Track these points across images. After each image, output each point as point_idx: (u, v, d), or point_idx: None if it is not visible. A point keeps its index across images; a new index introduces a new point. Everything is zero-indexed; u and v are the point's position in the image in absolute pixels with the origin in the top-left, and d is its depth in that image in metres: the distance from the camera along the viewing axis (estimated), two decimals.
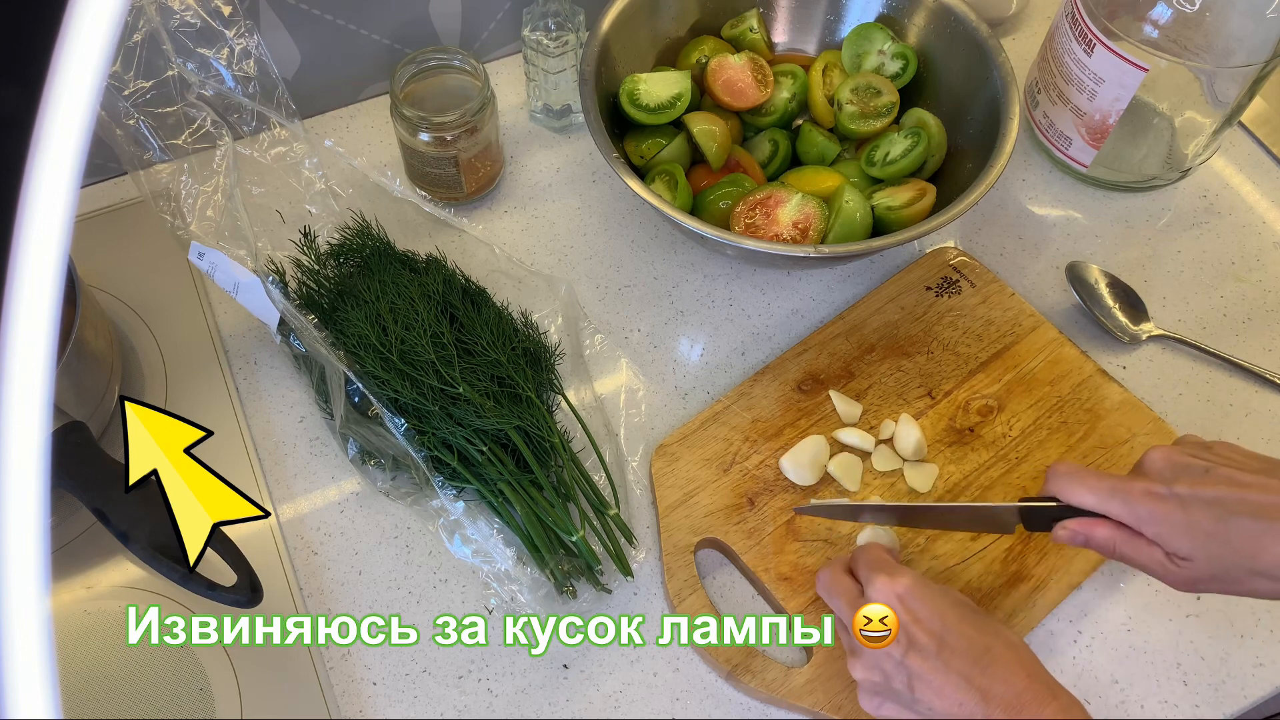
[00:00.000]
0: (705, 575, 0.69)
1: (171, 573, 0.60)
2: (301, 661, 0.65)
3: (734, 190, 0.79)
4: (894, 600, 0.56)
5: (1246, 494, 0.54)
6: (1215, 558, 0.54)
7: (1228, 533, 0.53)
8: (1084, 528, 0.58)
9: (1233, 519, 0.53)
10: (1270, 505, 0.53)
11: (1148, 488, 0.56)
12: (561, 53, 0.83)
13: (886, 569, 0.58)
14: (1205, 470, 0.55)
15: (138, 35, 0.69)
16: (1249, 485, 0.54)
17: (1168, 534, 0.55)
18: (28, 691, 0.25)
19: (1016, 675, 0.53)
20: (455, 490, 0.67)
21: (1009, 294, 0.81)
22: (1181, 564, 0.55)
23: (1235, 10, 0.74)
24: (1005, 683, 0.53)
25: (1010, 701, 0.52)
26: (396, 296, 0.71)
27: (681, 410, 0.76)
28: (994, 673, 0.53)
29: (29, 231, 0.25)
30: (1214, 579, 0.55)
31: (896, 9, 0.85)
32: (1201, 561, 0.54)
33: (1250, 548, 0.53)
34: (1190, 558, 0.54)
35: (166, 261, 0.80)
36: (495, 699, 0.65)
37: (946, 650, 0.54)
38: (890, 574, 0.57)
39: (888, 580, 0.57)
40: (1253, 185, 0.90)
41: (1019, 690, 0.53)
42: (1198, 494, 0.54)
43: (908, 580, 0.57)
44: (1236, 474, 0.55)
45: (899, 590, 0.56)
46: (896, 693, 0.56)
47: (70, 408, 0.66)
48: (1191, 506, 0.54)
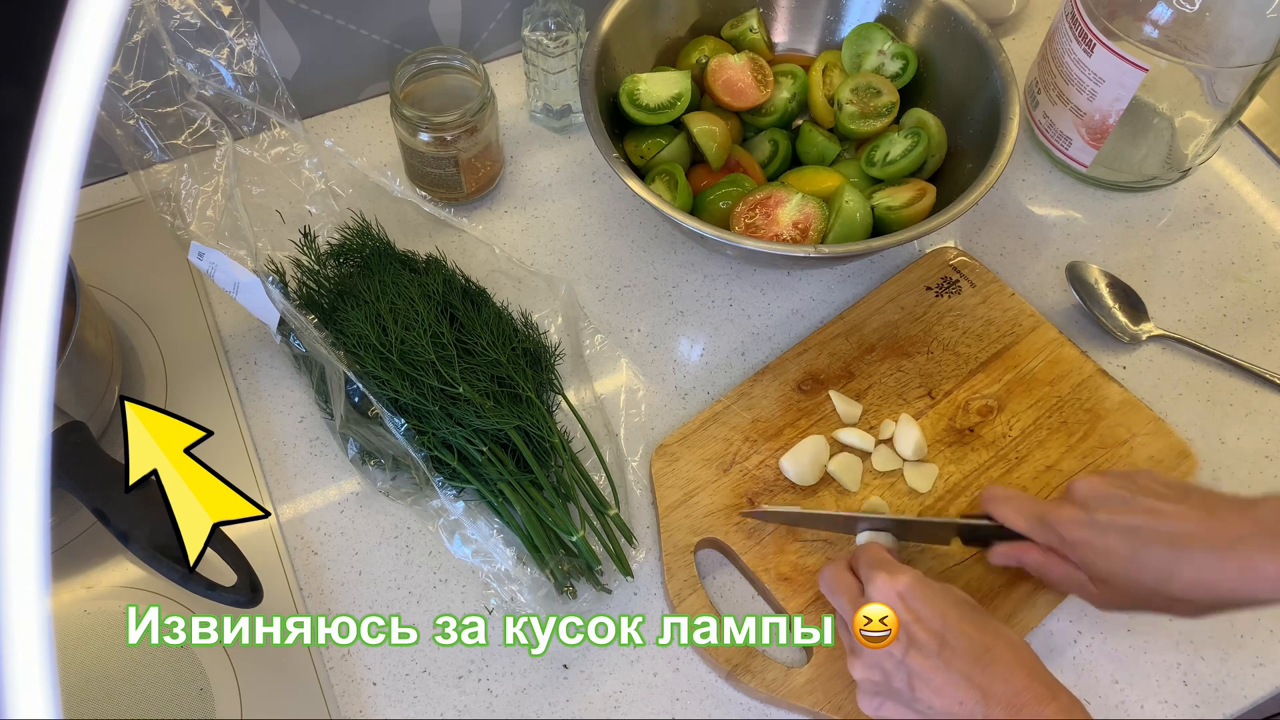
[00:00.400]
0: (705, 575, 0.69)
1: (171, 573, 0.60)
2: (301, 661, 0.65)
3: (734, 190, 0.79)
4: (894, 599, 0.56)
5: (1160, 523, 0.57)
6: (1133, 582, 0.57)
7: (1142, 559, 0.57)
8: (1016, 551, 0.62)
9: (1146, 546, 0.57)
10: (1181, 533, 0.56)
11: (1072, 515, 0.59)
12: (561, 53, 0.83)
13: (887, 567, 0.58)
14: (1125, 500, 0.59)
15: (138, 35, 0.69)
16: (1163, 514, 0.57)
17: (1089, 559, 0.58)
18: (28, 691, 0.25)
19: (1017, 674, 0.54)
20: (455, 490, 0.67)
21: (1009, 294, 0.81)
22: (1101, 587, 0.59)
23: (1235, 10, 0.74)
24: (1005, 681, 0.53)
25: (1010, 700, 0.53)
26: (396, 296, 0.71)
27: (681, 410, 0.76)
28: (994, 671, 0.53)
29: (29, 231, 0.25)
30: (1134, 602, 0.59)
31: (896, 9, 0.85)
32: (1120, 585, 0.58)
33: (1162, 573, 0.56)
34: (1108, 581, 0.58)
35: (166, 261, 0.80)
36: (495, 699, 0.65)
37: (947, 649, 0.54)
38: (890, 572, 0.57)
39: (888, 578, 0.57)
40: (1253, 185, 0.90)
41: (1019, 689, 0.53)
42: (1116, 522, 0.58)
43: (908, 579, 0.57)
44: (1155, 503, 0.58)
45: (899, 588, 0.56)
46: (897, 692, 0.56)
47: (70, 408, 0.66)
48: (1110, 534, 0.58)
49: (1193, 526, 0.56)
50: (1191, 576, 0.55)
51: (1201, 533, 0.56)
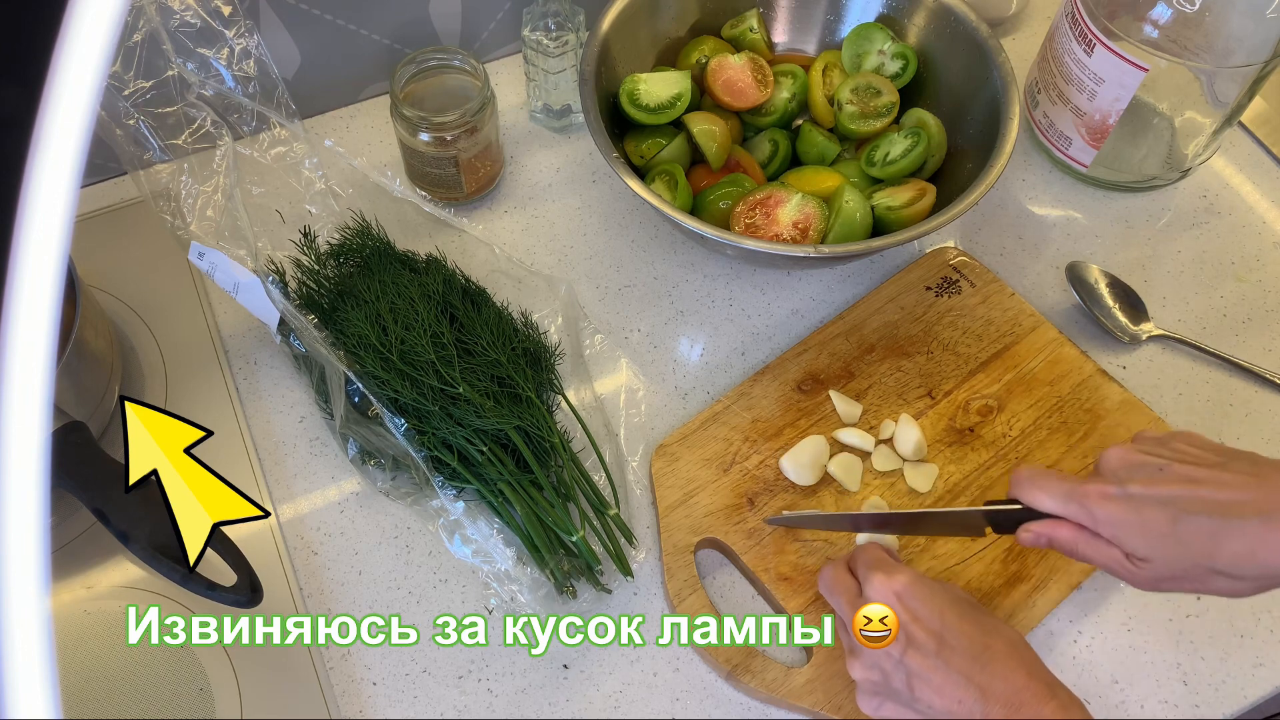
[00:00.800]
0: (705, 575, 0.69)
1: (171, 573, 0.60)
2: (301, 661, 0.65)
3: (734, 190, 0.79)
4: (892, 598, 0.56)
5: (1200, 491, 0.53)
6: (1173, 557, 0.53)
7: (1182, 532, 0.52)
8: (1046, 529, 0.57)
9: (1187, 518, 0.52)
10: (1225, 502, 0.52)
11: (1102, 489, 0.55)
12: (561, 53, 0.83)
13: (884, 567, 0.58)
14: (1159, 468, 0.55)
15: (138, 35, 0.69)
16: (1203, 481, 0.53)
17: (1124, 535, 0.54)
18: (28, 691, 0.25)
19: (1016, 673, 0.53)
20: (455, 490, 0.67)
21: (1009, 294, 0.81)
22: (1140, 564, 0.54)
23: (1235, 10, 0.74)
24: (1005, 680, 0.53)
25: (1009, 699, 0.52)
26: (396, 296, 0.71)
27: (681, 410, 0.76)
28: (993, 670, 0.53)
29: (29, 231, 0.25)
30: (1174, 578, 0.54)
31: (896, 9, 0.85)
32: (1160, 561, 0.54)
33: (1206, 546, 0.52)
34: (1148, 558, 0.54)
35: (166, 261, 0.80)
36: (495, 699, 0.65)
37: (946, 648, 0.54)
38: (888, 572, 0.57)
39: (885, 578, 0.57)
40: (1253, 185, 0.90)
41: (1018, 688, 0.53)
42: (1151, 493, 0.54)
43: (905, 578, 0.57)
44: (1192, 470, 0.54)
45: (897, 588, 0.56)
46: (896, 691, 0.56)
47: (70, 408, 0.66)
48: (1145, 507, 0.54)
49: (1239, 493, 0.52)
50: (1241, 548, 0.51)
51: (1249, 500, 0.52)
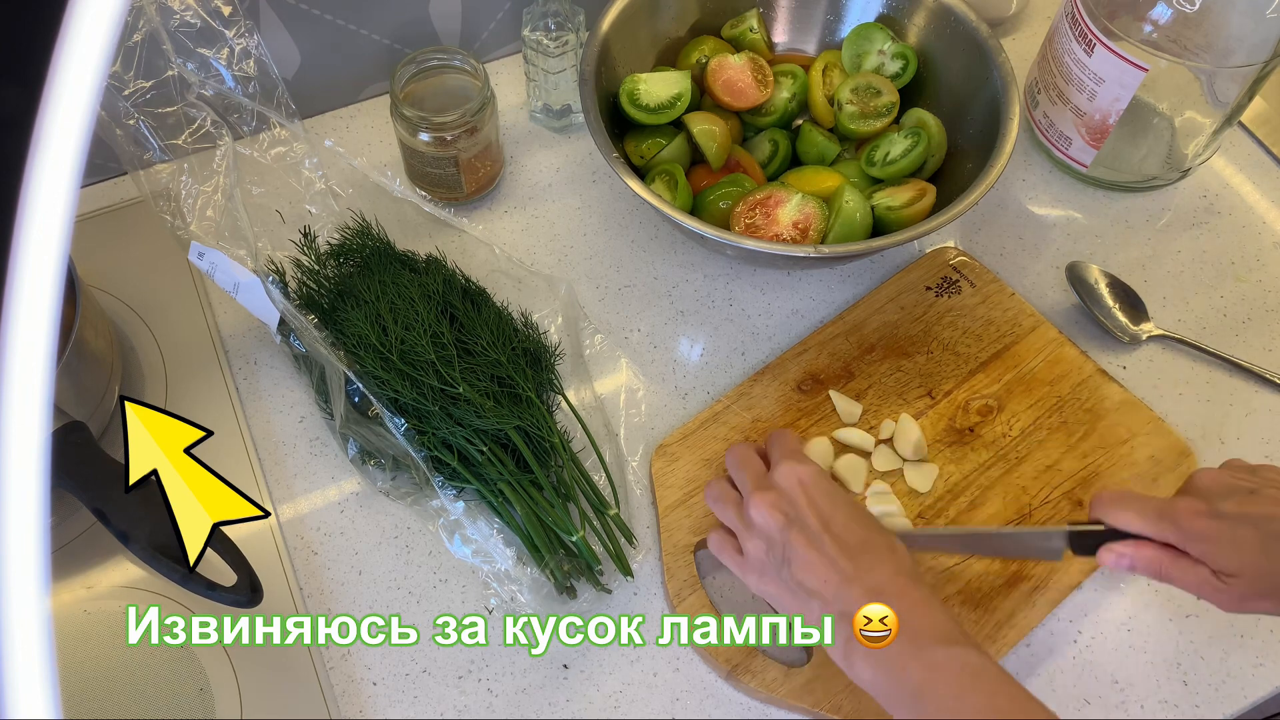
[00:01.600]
0: (705, 575, 0.69)
1: (171, 573, 0.60)
2: (301, 661, 0.65)
3: (734, 190, 0.79)
4: (795, 483, 0.60)
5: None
6: (1263, 575, 0.54)
7: (1274, 550, 0.54)
8: (1131, 549, 0.57)
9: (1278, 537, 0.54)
10: None
11: (1194, 507, 0.56)
12: (561, 53, 0.83)
13: (798, 456, 0.62)
14: (1251, 491, 0.56)
15: (138, 35, 0.69)
16: None
17: (1214, 552, 0.55)
18: (28, 691, 0.25)
19: (885, 567, 0.57)
20: (455, 490, 0.67)
21: (1009, 294, 0.81)
22: (1229, 581, 0.55)
23: (1235, 10, 0.74)
24: (871, 571, 0.56)
25: (873, 588, 0.55)
26: (396, 296, 0.71)
27: (681, 410, 0.76)
28: (863, 562, 0.57)
29: (29, 231, 0.25)
30: (1262, 596, 0.55)
31: (896, 9, 0.85)
32: (1249, 579, 0.55)
33: None
34: (1238, 575, 0.55)
35: (166, 261, 0.80)
36: (495, 699, 0.65)
37: (828, 533, 0.58)
38: (800, 460, 0.61)
39: (795, 465, 0.61)
40: (1253, 185, 0.90)
41: (883, 580, 0.56)
42: (1245, 513, 0.55)
43: (813, 469, 0.61)
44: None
45: (802, 475, 0.60)
46: (776, 564, 0.59)
47: (70, 408, 0.66)
48: (1238, 525, 0.55)
49: None
50: None
51: None
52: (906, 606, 0.54)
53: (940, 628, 0.54)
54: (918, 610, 0.54)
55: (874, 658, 0.54)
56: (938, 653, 0.53)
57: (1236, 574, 0.55)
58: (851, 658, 0.55)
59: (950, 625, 0.54)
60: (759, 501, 0.60)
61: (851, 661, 0.55)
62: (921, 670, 0.52)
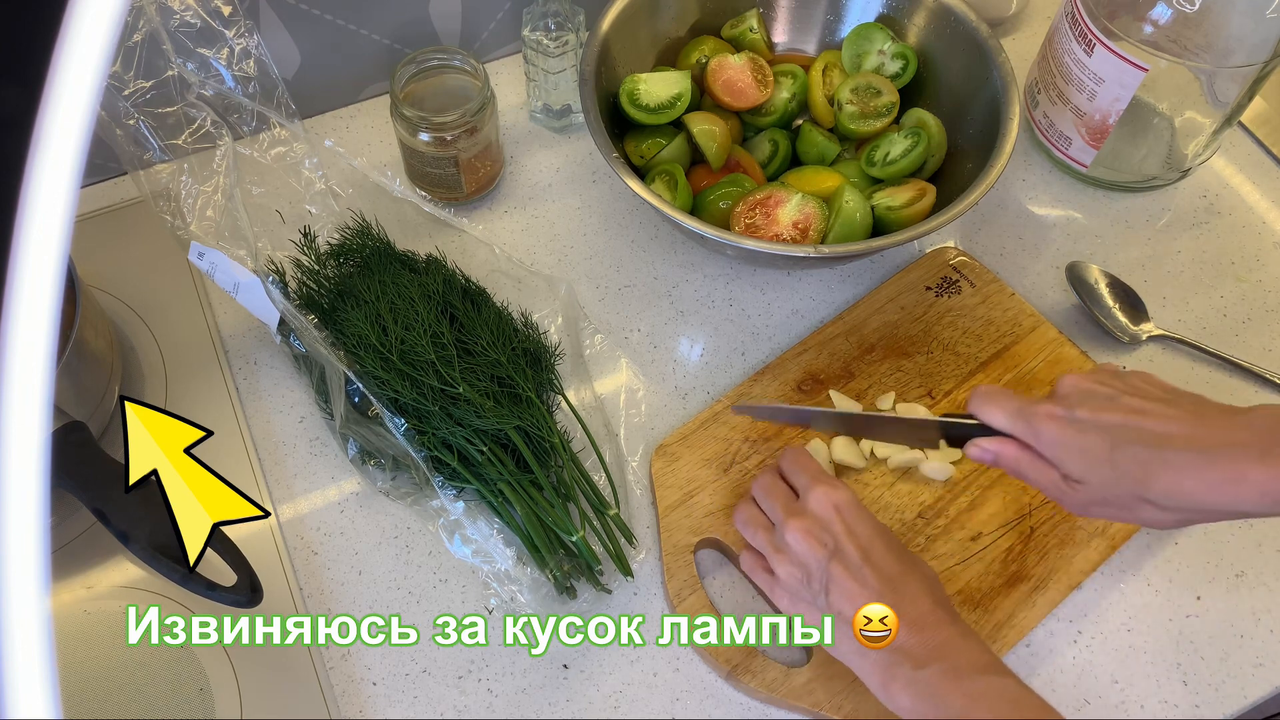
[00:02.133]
0: (705, 575, 0.69)
1: (171, 573, 0.60)
2: (301, 661, 0.65)
3: (734, 190, 0.79)
4: (830, 510, 0.60)
5: (1144, 421, 0.54)
6: (1106, 482, 0.54)
7: (1119, 459, 0.54)
8: (993, 445, 0.59)
9: (1126, 445, 0.54)
10: (1164, 434, 0.53)
11: (1051, 410, 0.56)
12: (561, 53, 0.83)
13: (827, 480, 0.62)
14: (1109, 397, 0.56)
15: (138, 35, 0.69)
16: (1148, 414, 0.54)
17: (1064, 456, 0.56)
18: (28, 691, 0.25)
19: (924, 599, 0.57)
20: (455, 490, 0.67)
21: (1009, 294, 0.81)
22: (1075, 486, 0.56)
23: (1235, 10, 0.74)
24: (913, 603, 0.57)
25: (914, 620, 0.56)
26: (396, 296, 0.71)
27: (681, 410, 0.76)
28: (905, 593, 0.57)
29: (29, 231, 0.25)
30: (1104, 503, 0.55)
31: (896, 9, 0.85)
32: (1094, 485, 0.55)
33: (1139, 474, 0.53)
34: (1082, 480, 0.55)
35: (166, 261, 0.80)
36: (495, 699, 0.65)
37: (869, 564, 0.58)
38: (831, 485, 0.61)
39: (829, 490, 0.61)
40: (1253, 185, 0.90)
41: (924, 612, 0.57)
42: (1097, 419, 0.55)
43: (847, 494, 0.61)
44: (1140, 403, 0.55)
45: (837, 500, 0.60)
46: (813, 592, 0.59)
47: (70, 408, 0.66)
48: (1088, 431, 0.55)
49: (1177, 428, 0.53)
50: (1171, 480, 0.52)
51: (1186, 434, 0.53)
52: (947, 638, 0.56)
53: (979, 658, 0.55)
54: (957, 643, 0.56)
55: (914, 688, 0.54)
56: (978, 682, 0.53)
57: (1082, 479, 0.55)
58: (890, 687, 0.56)
59: (988, 655, 0.55)
60: (795, 528, 0.60)
61: (890, 692, 0.56)
62: (962, 699, 0.53)
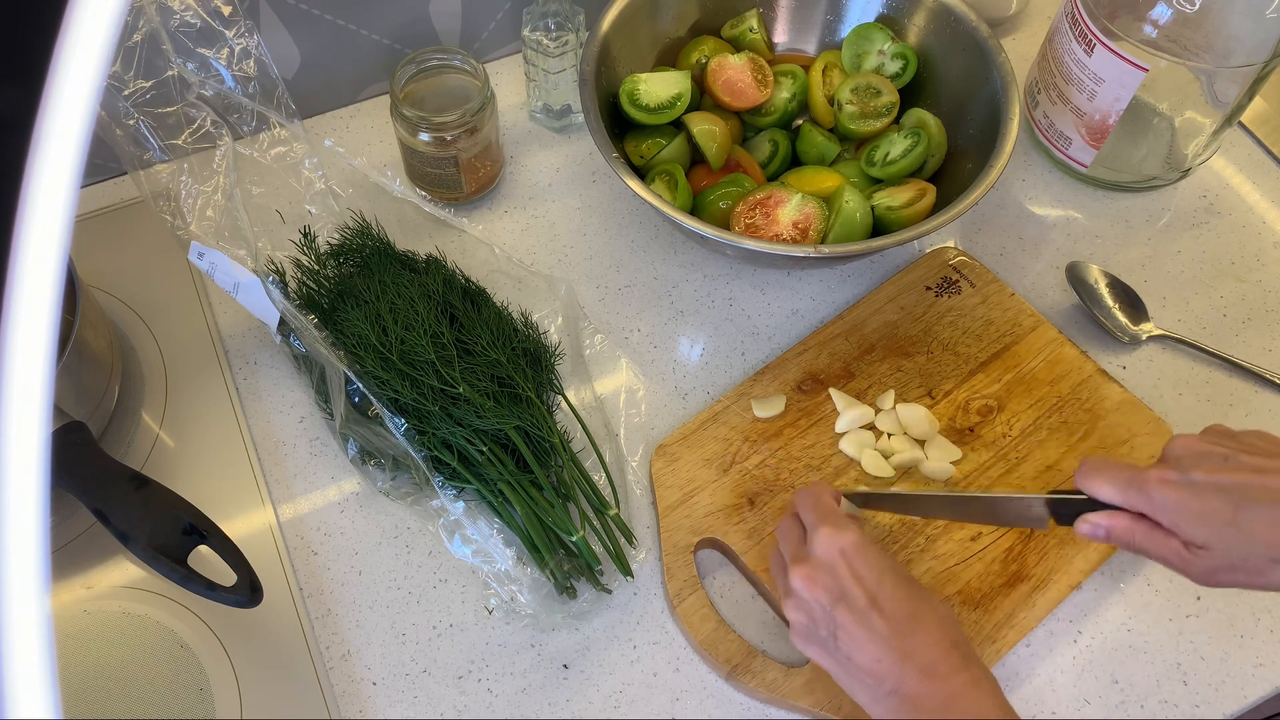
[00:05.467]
0: (705, 575, 0.69)
1: (171, 573, 0.60)
2: (301, 661, 0.65)
3: (734, 190, 0.79)
4: (836, 554, 0.57)
5: (1266, 480, 0.52)
6: (1232, 546, 0.52)
7: (1244, 520, 0.51)
8: (1104, 520, 0.56)
9: (1250, 505, 0.51)
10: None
11: (1164, 475, 0.54)
12: (561, 53, 0.83)
13: (833, 521, 0.58)
14: (1225, 458, 0.54)
15: (138, 35, 0.69)
16: (1268, 471, 0.52)
17: (1183, 522, 0.53)
18: (28, 691, 0.25)
19: (938, 644, 0.55)
20: (455, 490, 0.67)
21: (1009, 294, 0.81)
22: (1198, 553, 0.53)
23: (1235, 10, 0.74)
24: (925, 648, 0.54)
25: (926, 666, 0.54)
26: (396, 296, 0.71)
27: (681, 410, 0.76)
28: (917, 638, 0.54)
29: (29, 231, 0.25)
30: (1233, 568, 0.53)
31: (896, 9, 0.85)
32: (1219, 550, 0.52)
33: (1268, 535, 0.51)
34: (1207, 546, 0.53)
35: (166, 261, 0.80)
36: (495, 699, 0.65)
37: (876, 609, 0.55)
38: (836, 527, 0.58)
39: (833, 533, 0.57)
40: (1253, 185, 0.90)
41: (936, 657, 0.54)
42: (1215, 480, 0.53)
43: (853, 536, 0.57)
44: (1259, 460, 0.53)
45: (842, 544, 0.57)
46: (821, 639, 0.57)
47: (70, 408, 0.66)
48: (1207, 494, 0.52)
49: None
50: None
51: None
52: (958, 688, 0.53)
53: (988, 711, 0.53)
54: (968, 694, 0.53)
55: None
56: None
57: (1206, 545, 0.52)
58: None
59: (998, 708, 0.53)
60: (798, 575, 0.58)
61: None
62: None
